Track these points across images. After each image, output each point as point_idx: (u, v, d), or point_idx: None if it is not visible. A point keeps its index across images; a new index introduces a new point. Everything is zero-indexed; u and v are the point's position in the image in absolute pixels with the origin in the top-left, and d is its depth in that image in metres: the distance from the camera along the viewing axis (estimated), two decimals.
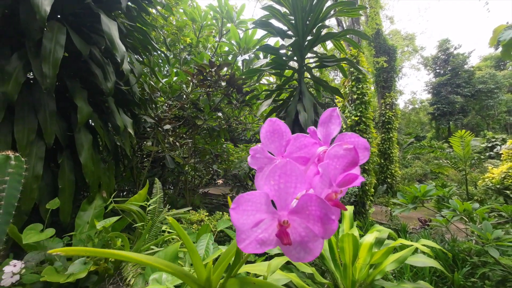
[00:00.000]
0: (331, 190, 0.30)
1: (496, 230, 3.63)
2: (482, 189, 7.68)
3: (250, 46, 3.04)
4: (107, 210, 1.19)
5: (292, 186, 0.28)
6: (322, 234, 0.28)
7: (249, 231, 0.29)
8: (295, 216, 0.29)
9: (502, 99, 15.34)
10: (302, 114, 1.96)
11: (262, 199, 0.29)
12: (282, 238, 0.28)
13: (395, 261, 0.99)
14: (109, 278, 0.92)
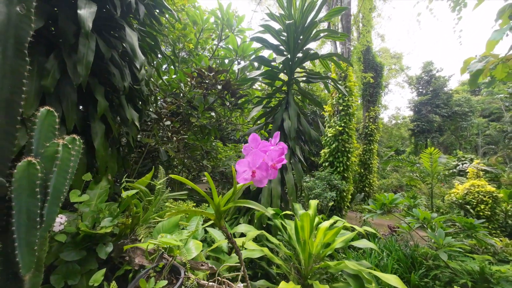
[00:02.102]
0: (272, 162, 0.64)
1: (448, 237, 4.17)
2: (448, 203, 8.38)
3: (246, 55, 3.32)
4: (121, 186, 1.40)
5: (257, 159, 0.62)
6: (267, 177, 0.64)
7: (241, 174, 0.63)
8: (258, 169, 0.64)
9: (474, 122, 16.70)
10: (287, 122, 2.26)
11: (246, 162, 0.64)
12: (253, 177, 0.63)
13: (343, 241, 1.30)
14: (125, 237, 1.15)
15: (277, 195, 2.05)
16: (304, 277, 1.25)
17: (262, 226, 2.05)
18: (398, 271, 4.21)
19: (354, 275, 1.10)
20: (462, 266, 3.55)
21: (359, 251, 5.41)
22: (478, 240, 4.53)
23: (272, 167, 0.60)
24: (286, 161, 2.21)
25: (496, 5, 4.84)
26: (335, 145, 7.10)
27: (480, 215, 7.05)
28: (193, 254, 1.06)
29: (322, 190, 6.36)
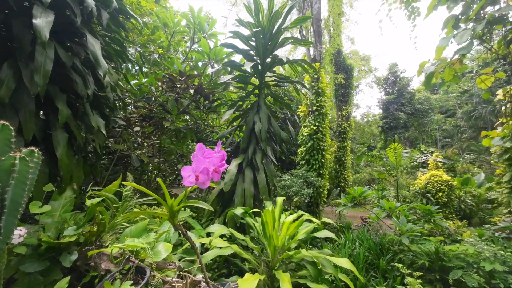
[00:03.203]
0: (214, 167, 0.73)
1: (409, 223, 4.60)
2: (412, 192, 9.18)
3: (219, 59, 3.38)
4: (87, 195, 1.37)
5: (200, 165, 0.71)
6: (209, 179, 0.73)
7: (186, 178, 0.71)
8: (200, 174, 0.72)
9: (433, 118, 18.46)
10: (257, 124, 2.37)
11: (190, 168, 0.73)
12: (197, 181, 0.71)
13: (305, 232, 1.43)
14: (91, 244, 1.14)
15: (250, 195, 2.15)
16: (271, 268, 1.36)
17: (236, 225, 2.13)
18: (369, 258, 4.56)
19: (312, 262, 1.24)
20: (421, 248, 3.97)
21: (335, 243, 5.75)
22: (435, 224, 5.08)
23: (215, 171, 0.69)
24: (258, 162, 2.33)
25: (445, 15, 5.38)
26: (311, 144, 7.43)
27: (439, 202, 7.86)
28: (163, 256, 1.11)
29: (300, 187, 6.62)
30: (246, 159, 2.38)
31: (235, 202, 2.14)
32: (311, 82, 7.76)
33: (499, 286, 3.06)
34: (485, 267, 3.24)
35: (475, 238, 4.28)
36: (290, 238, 1.42)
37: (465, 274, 3.29)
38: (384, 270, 4.20)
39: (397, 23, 12.61)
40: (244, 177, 2.26)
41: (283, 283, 0.98)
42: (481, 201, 7.62)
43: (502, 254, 3.39)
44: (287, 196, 6.64)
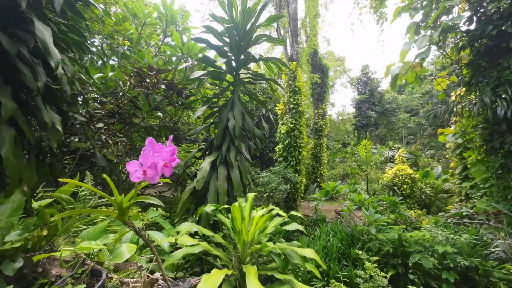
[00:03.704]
0: (164, 162, 0.72)
1: (376, 214, 4.93)
2: (381, 185, 9.86)
3: (192, 54, 3.29)
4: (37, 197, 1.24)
5: (148, 160, 0.70)
6: (157, 174, 0.71)
7: (133, 173, 0.69)
8: (148, 168, 0.70)
9: (400, 117, 19.99)
10: (231, 121, 2.36)
11: (137, 163, 0.71)
12: (144, 176, 0.70)
13: (274, 226, 1.48)
14: (40, 249, 1.04)
15: (224, 192, 2.14)
16: (242, 263, 1.38)
17: (209, 223, 2.11)
18: (341, 248, 4.83)
19: (280, 254, 1.28)
20: (387, 237, 4.31)
21: (311, 236, 5.99)
22: (399, 214, 5.53)
23: (165, 166, 0.68)
24: (232, 159, 2.32)
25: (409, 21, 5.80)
26: (288, 141, 7.60)
27: (403, 194, 8.57)
28: (125, 257, 1.06)
29: (278, 183, 6.76)
30: (220, 156, 2.36)
31: (208, 199, 2.12)
32: (288, 80, 7.91)
33: (449, 265, 3.45)
34: (439, 250, 3.63)
35: (432, 224, 4.75)
36: (260, 232, 1.45)
37: (423, 257, 3.64)
38: (355, 259, 4.48)
39: (368, 26, 13.37)
40: (218, 174, 2.24)
41: (249, 276, 1.00)
42: (438, 191, 8.47)
43: (452, 237, 3.82)
44: (266, 193, 6.74)
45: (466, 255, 3.70)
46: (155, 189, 4.71)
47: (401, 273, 3.86)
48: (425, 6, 5.61)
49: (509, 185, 3.94)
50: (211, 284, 0.92)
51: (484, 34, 4.18)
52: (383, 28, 8.57)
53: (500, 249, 3.77)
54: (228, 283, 1.37)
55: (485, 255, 3.80)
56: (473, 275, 3.57)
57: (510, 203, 3.98)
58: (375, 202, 6.05)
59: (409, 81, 5.95)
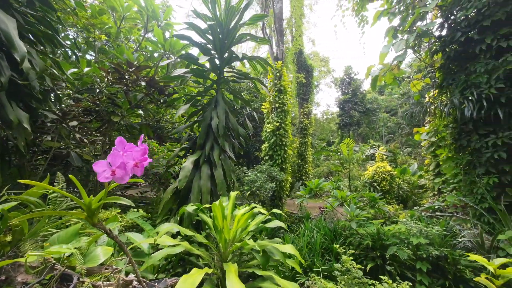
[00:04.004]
0: (134, 162, 0.71)
1: (357, 210, 5.12)
2: (363, 182, 10.27)
3: (175, 51, 3.21)
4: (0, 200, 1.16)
5: (117, 159, 0.68)
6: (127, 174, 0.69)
7: (101, 173, 0.67)
8: (117, 168, 0.69)
9: (380, 116, 20.90)
10: (215, 120, 2.34)
11: (105, 162, 0.70)
12: (113, 176, 0.68)
13: (255, 224, 1.50)
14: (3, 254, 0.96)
15: (207, 191, 2.13)
16: (223, 261, 1.38)
17: (192, 223, 2.09)
18: (325, 244, 4.99)
19: (260, 251, 1.31)
20: (367, 231, 4.51)
21: (296, 232, 6.11)
22: (378, 209, 5.80)
23: (135, 166, 0.67)
24: (216, 158, 2.31)
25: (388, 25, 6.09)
26: (274, 140, 7.67)
27: (383, 189, 8.99)
28: (100, 260, 1.02)
29: (263, 182, 6.81)
30: (203, 155, 2.33)
31: (191, 199, 2.09)
32: (273, 79, 7.97)
33: (422, 256, 3.69)
34: (413, 242, 3.86)
35: (408, 218, 5.05)
36: (242, 231, 1.46)
37: (399, 249, 3.86)
38: (337, 253, 4.65)
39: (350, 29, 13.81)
40: (201, 173, 2.22)
41: (229, 273, 1.01)
42: (414, 187, 8.98)
43: (425, 230, 4.08)
44: (252, 191, 6.77)
45: (437, 245, 3.97)
46: (137, 189, 4.56)
47: (380, 265, 4.06)
48: (402, 11, 5.91)
49: (474, 180, 4.27)
50: (190, 284, 0.92)
51: (454, 40, 4.48)
52: (364, 31, 8.88)
53: (466, 239, 4.09)
54: (210, 282, 1.37)
55: (454, 245, 4.10)
56: (443, 264, 3.83)
57: (475, 196, 4.32)
58: (356, 198, 6.31)
59: (388, 82, 6.24)
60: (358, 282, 1.72)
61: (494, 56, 3.95)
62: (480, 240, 3.88)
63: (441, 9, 4.89)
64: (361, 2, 6.75)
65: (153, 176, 3.88)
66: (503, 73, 3.74)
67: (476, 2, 4.11)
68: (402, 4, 5.89)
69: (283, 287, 1.09)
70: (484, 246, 3.82)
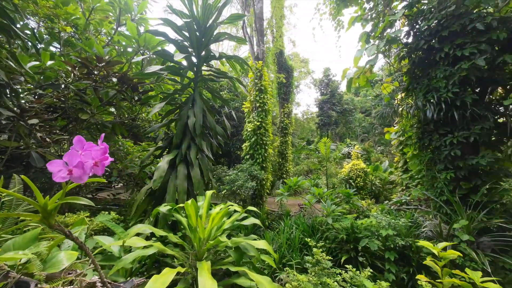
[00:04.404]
0: (93, 161, 0.69)
1: (333, 206, 5.35)
2: (339, 179, 10.76)
3: (151, 47, 3.10)
4: None
5: (74, 159, 0.67)
6: (85, 173, 0.68)
7: (56, 173, 0.65)
8: (75, 168, 0.67)
9: (356, 117, 22.02)
10: (191, 119, 2.31)
11: (60, 162, 0.68)
12: (70, 175, 0.67)
13: (230, 222, 1.52)
14: None
15: (183, 191, 2.09)
16: (199, 260, 1.38)
17: (167, 223, 2.05)
18: (303, 239, 5.16)
19: (235, 248, 1.33)
20: (342, 225, 4.75)
21: (276, 230, 6.25)
22: (353, 204, 6.13)
23: (95, 165, 0.66)
24: (193, 157, 2.28)
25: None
26: (254, 139, 7.73)
27: (357, 186, 9.50)
28: (64, 265, 0.97)
29: (244, 181, 6.84)
30: (180, 155, 2.29)
31: (166, 199, 2.05)
32: (254, 79, 8.02)
33: (390, 246, 3.99)
34: (382, 234, 4.15)
35: (378, 212, 5.41)
36: (218, 229, 1.47)
37: (370, 241, 4.13)
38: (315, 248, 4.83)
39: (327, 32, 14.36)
40: (177, 173, 2.18)
41: (201, 271, 1.02)
42: (386, 183, 9.63)
43: (393, 222, 4.41)
44: (232, 191, 6.76)
45: (404, 236, 4.31)
46: (109, 191, 4.33)
47: (353, 256, 4.31)
48: (374, 18, 6.29)
49: (435, 176, 4.70)
50: (160, 283, 0.91)
51: (418, 47, 4.87)
52: (340, 35, 9.29)
53: (428, 228, 4.49)
54: (184, 281, 1.36)
55: (418, 234, 4.48)
56: (408, 252, 4.17)
57: (436, 190, 4.75)
58: (333, 195, 6.60)
59: (361, 85, 6.61)
60: (328, 272, 1.83)
61: (451, 64, 4.37)
62: (439, 229, 4.28)
63: (407, 18, 5.29)
64: (338, 7, 7.04)
65: (127, 177, 3.71)
66: (458, 79, 4.17)
67: (436, 13, 4.52)
68: (374, 12, 6.27)
69: (256, 281, 1.12)
70: (442, 234, 4.23)
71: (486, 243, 3.89)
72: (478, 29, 4.02)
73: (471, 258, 3.67)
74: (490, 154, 4.09)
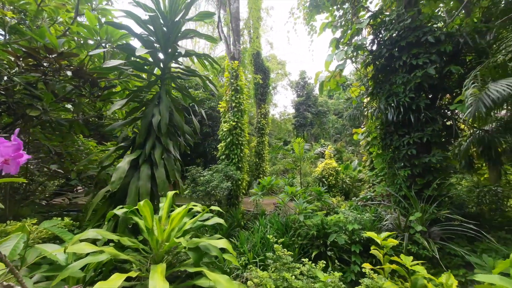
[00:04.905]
0: (2, 158, 0.63)
1: (304, 203, 5.52)
2: (313, 178, 11.16)
3: (114, 40, 2.90)
4: None
5: None
6: None
7: None
8: None
9: (330, 118, 23.08)
10: (156, 117, 2.21)
11: None
12: None
13: (191, 223, 1.49)
14: None
15: (146, 193, 1.99)
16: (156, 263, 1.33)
17: (128, 227, 1.94)
18: (277, 237, 5.26)
19: (194, 248, 1.31)
20: (313, 222, 4.93)
21: (251, 229, 6.28)
22: (324, 202, 6.40)
23: (5, 163, 0.60)
24: (157, 157, 2.18)
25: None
26: (230, 139, 7.68)
27: (330, 184, 9.94)
28: None
29: (219, 181, 6.76)
30: (143, 155, 2.18)
31: (127, 202, 1.93)
32: (230, 79, 7.97)
33: (356, 240, 4.25)
34: (349, 228, 4.40)
35: (347, 208, 5.73)
36: (179, 230, 1.43)
37: (338, 236, 4.35)
38: (287, 245, 4.95)
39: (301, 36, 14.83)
40: (140, 173, 2.07)
41: (154, 273, 0.98)
42: (355, 180, 10.22)
43: (359, 217, 4.70)
44: (207, 191, 6.64)
45: (368, 229, 4.62)
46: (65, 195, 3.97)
47: (323, 251, 4.50)
48: (343, 25, 6.66)
49: (395, 173, 5.11)
50: None
51: (381, 55, 5.27)
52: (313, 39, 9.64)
53: (389, 221, 4.86)
54: (141, 286, 1.29)
55: (380, 227, 4.83)
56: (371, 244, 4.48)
57: (396, 186, 5.17)
58: (306, 193, 6.83)
59: (332, 88, 6.95)
60: (288, 267, 1.89)
61: (408, 71, 4.81)
62: (398, 222, 4.66)
63: (372, 27, 5.70)
64: (310, 13, 7.33)
65: (86, 179, 3.43)
66: (414, 85, 4.60)
67: (396, 25, 4.93)
68: (343, 19, 6.64)
69: (214, 280, 1.11)
70: (401, 226, 4.61)
71: (436, 232, 4.34)
72: (430, 41, 4.48)
73: (424, 247, 4.06)
74: (440, 153, 4.58)
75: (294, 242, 4.90)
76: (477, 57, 4.40)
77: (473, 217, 4.73)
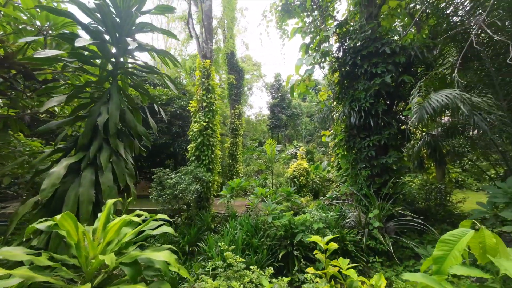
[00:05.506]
0: None
1: (274, 204, 5.53)
2: (286, 179, 11.36)
3: (58, 28, 2.56)
4: None
5: None
6: None
7: None
8: None
9: (303, 120, 23.86)
10: (103, 116, 1.99)
11: None
12: None
13: (132, 234, 1.36)
14: None
15: (88, 200, 1.77)
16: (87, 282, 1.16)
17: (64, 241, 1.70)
18: (246, 239, 5.20)
19: (130, 264, 1.18)
20: (281, 222, 4.98)
21: (220, 232, 6.13)
22: (293, 202, 6.51)
23: None
24: (104, 160, 1.96)
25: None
26: (201, 140, 7.43)
27: (301, 184, 10.22)
28: None
29: (188, 184, 6.48)
30: (87, 158, 1.94)
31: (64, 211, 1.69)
32: (201, 78, 7.73)
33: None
34: (315, 227, 4.53)
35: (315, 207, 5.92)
36: (118, 242, 1.28)
37: (304, 235, 4.46)
38: (256, 247, 4.93)
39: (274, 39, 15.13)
40: (82, 179, 1.83)
41: None
42: (324, 180, 10.67)
43: (324, 216, 4.87)
44: (174, 195, 6.32)
45: (332, 227, 4.81)
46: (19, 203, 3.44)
47: (289, 251, 4.56)
48: (313, 32, 6.90)
49: (357, 173, 5.42)
50: None
51: (346, 62, 5.55)
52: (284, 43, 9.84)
53: (351, 219, 5.12)
54: None
55: (343, 225, 5.06)
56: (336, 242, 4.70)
57: (358, 185, 5.48)
58: (276, 194, 6.89)
59: (301, 91, 7.15)
60: (240, 274, 1.84)
61: (369, 78, 5.15)
62: (359, 219, 4.94)
63: (339, 36, 5.99)
64: (282, 17, 7.46)
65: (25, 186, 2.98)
66: (373, 92, 4.94)
67: (359, 35, 5.25)
68: (313, 26, 6.89)
69: None
70: (361, 223, 4.89)
71: (391, 228, 4.69)
72: (387, 52, 4.85)
73: (380, 241, 4.36)
74: (395, 154, 4.98)
75: (263, 243, 4.90)
76: (425, 69, 4.87)
77: (422, 212, 5.22)
